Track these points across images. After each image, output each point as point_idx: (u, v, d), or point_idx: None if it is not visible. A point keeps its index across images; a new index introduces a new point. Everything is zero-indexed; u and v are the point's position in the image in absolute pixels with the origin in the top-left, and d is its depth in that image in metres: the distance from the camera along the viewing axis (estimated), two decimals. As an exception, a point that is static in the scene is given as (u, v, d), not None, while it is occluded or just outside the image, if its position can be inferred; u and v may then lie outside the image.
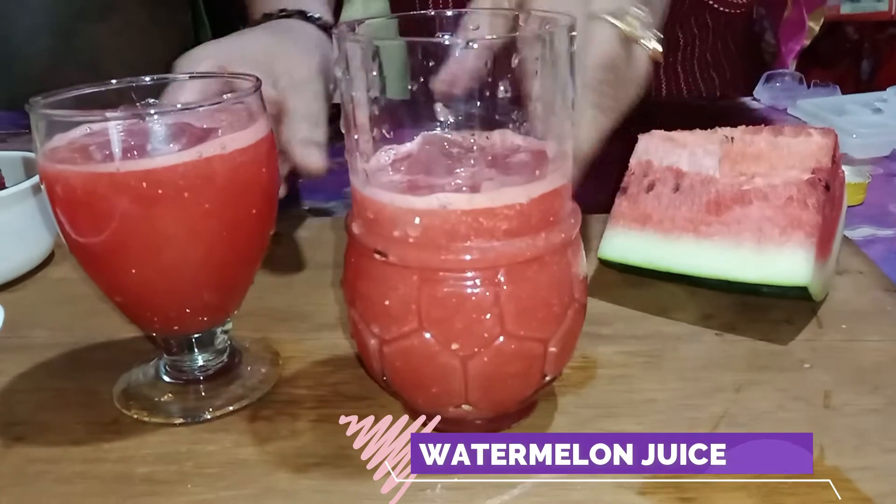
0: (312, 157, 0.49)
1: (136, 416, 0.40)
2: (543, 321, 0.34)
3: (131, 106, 0.39)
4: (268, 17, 0.61)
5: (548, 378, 0.36)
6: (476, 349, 0.34)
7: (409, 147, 0.36)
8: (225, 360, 0.42)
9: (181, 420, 0.39)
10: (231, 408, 0.40)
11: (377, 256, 0.34)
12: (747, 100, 0.92)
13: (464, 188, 0.33)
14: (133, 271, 0.38)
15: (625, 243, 0.49)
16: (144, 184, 0.35)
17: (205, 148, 0.36)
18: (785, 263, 0.44)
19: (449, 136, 0.35)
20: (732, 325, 0.46)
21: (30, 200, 0.55)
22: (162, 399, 0.41)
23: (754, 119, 0.85)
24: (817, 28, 1.04)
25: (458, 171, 0.35)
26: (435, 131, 0.35)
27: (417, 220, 0.33)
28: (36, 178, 0.55)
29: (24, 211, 0.55)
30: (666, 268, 0.48)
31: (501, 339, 0.34)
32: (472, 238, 0.33)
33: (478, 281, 0.33)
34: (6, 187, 0.57)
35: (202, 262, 0.38)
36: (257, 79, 0.38)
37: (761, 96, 0.91)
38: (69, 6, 0.96)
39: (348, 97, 0.34)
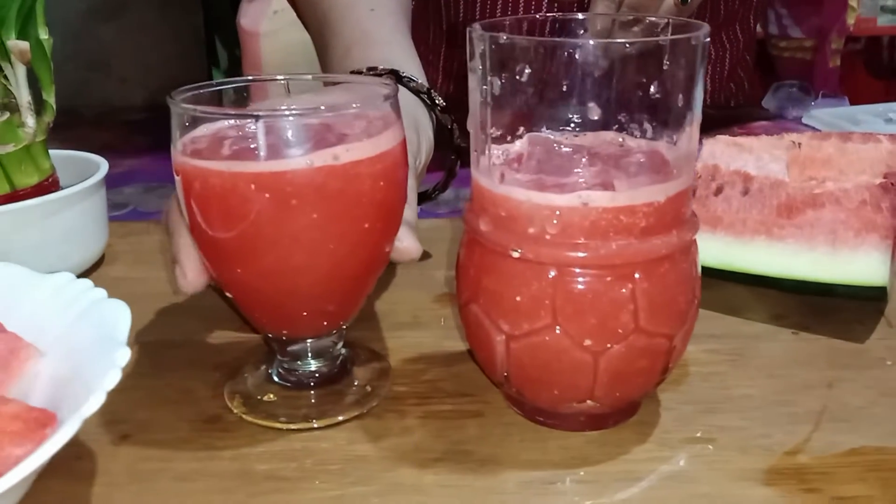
0: (408, 240, 0.42)
1: (249, 419, 0.39)
2: (671, 317, 0.35)
3: (256, 106, 0.39)
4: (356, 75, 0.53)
5: (667, 374, 0.37)
6: (608, 345, 0.34)
7: (523, 147, 0.37)
8: (336, 368, 0.42)
9: (294, 427, 0.39)
10: (340, 418, 0.39)
11: (512, 253, 0.34)
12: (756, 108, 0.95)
13: (597, 187, 0.34)
14: (238, 270, 0.38)
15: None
16: (253, 186, 0.35)
17: (317, 157, 0.35)
18: (861, 264, 0.45)
19: (562, 136, 0.36)
20: (805, 324, 0.48)
21: (88, 200, 0.54)
22: (271, 401, 0.40)
23: (770, 128, 0.87)
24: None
25: (578, 170, 0.35)
26: (550, 131, 0.36)
27: (556, 218, 0.33)
28: (95, 178, 0.54)
29: (83, 210, 0.54)
30: (740, 269, 0.49)
31: (634, 335, 0.34)
32: (611, 235, 0.33)
33: (615, 278, 0.34)
34: (60, 185, 0.56)
35: (304, 271, 0.37)
36: (393, 87, 0.38)
37: (769, 105, 0.93)
38: (77, 5, 0.94)
39: (482, 96, 0.35)
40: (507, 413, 0.40)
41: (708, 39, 0.34)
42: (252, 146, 0.36)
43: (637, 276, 0.34)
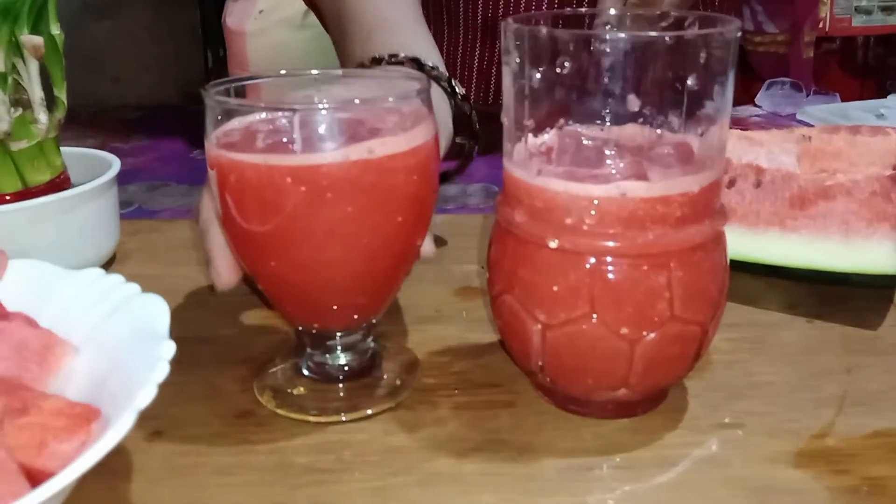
0: (425, 242, 0.42)
1: (282, 413, 0.40)
2: (704, 305, 0.36)
3: (289, 98, 0.39)
4: (376, 62, 0.52)
5: (698, 361, 0.38)
6: (644, 333, 0.35)
7: (558, 139, 0.37)
8: (366, 361, 0.42)
9: (328, 419, 0.39)
10: (373, 410, 0.40)
11: (549, 244, 0.35)
12: (749, 107, 0.96)
13: (631, 178, 0.35)
14: (272, 263, 0.38)
15: (709, 236, 0.51)
16: (289, 179, 0.35)
17: (352, 150, 0.35)
18: (873, 253, 0.46)
19: (595, 128, 0.36)
20: (818, 313, 0.49)
21: (102, 197, 0.54)
22: (302, 395, 0.41)
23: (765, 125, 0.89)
24: None
25: (613, 162, 0.36)
26: (583, 123, 0.36)
27: (594, 208, 0.34)
28: (108, 175, 0.54)
29: (97, 207, 0.53)
30: (754, 259, 0.50)
31: (669, 323, 0.35)
32: (647, 225, 0.34)
33: (651, 266, 0.34)
34: (72, 182, 0.55)
35: (337, 265, 0.37)
36: (426, 82, 0.38)
37: (763, 103, 0.95)
38: (71, 3, 0.93)
39: (518, 88, 0.35)
40: (538, 402, 0.41)
41: (740, 34, 0.34)
42: (287, 139, 0.36)
43: (672, 264, 0.34)
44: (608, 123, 0.36)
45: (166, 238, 0.63)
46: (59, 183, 0.54)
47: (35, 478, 0.28)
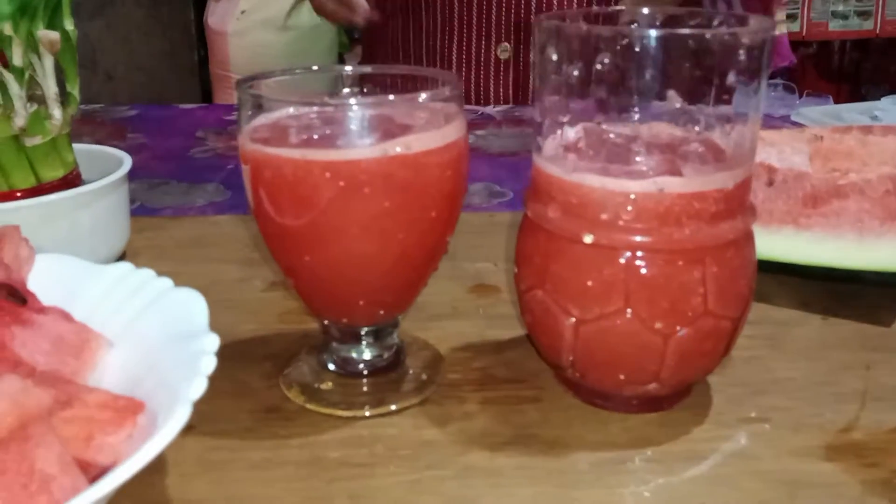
0: None
1: (311, 408, 0.40)
2: (736, 300, 0.37)
3: (327, 93, 0.39)
4: None
5: (726, 356, 0.38)
6: (678, 328, 0.35)
7: (592, 135, 0.38)
8: (391, 356, 0.42)
9: (357, 414, 0.39)
10: (400, 405, 0.40)
11: (584, 239, 0.35)
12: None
13: (665, 174, 0.35)
14: (306, 258, 0.38)
15: (722, 235, 0.52)
16: (328, 174, 0.35)
17: (389, 146, 0.35)
18: (887, 251, 0.47)
19: (628, 124, 0.37)
20: (831, 310, 0.49)
21: (115, 194, 0.53)
22: (329, 390, 0.41)
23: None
24: None
25: (647, 158, 0.36)
26: (616, 119, 0.37)
27: (631, 204, 0.34)
28: (121, 172, 0.53)
29: (110, 204, 0.53)
30: (768, 257, 0.50)
31: (702, 318, 0.35)
32: (683, 220, 0.34)
33: (686, 262, 0.35)
34: (83, 180, 0.55)
35: (371, 259, 0.38)
36: (458, 80, 0.38)
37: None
38: None
39: (551, 85, 0.36)
40: (564, 397, 0.41)
41: (774, 32, 0.35)
42: (323, 134, 0.36)
43: (707, 260, 0.35)
44: (642, 120, 0.36)
45: (173, 236, 0.62)
46: (72, 179, 0.54)
47: (84, 471, 0.28)
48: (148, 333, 0.35)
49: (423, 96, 0.37)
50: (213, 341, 0.32)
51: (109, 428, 0.30)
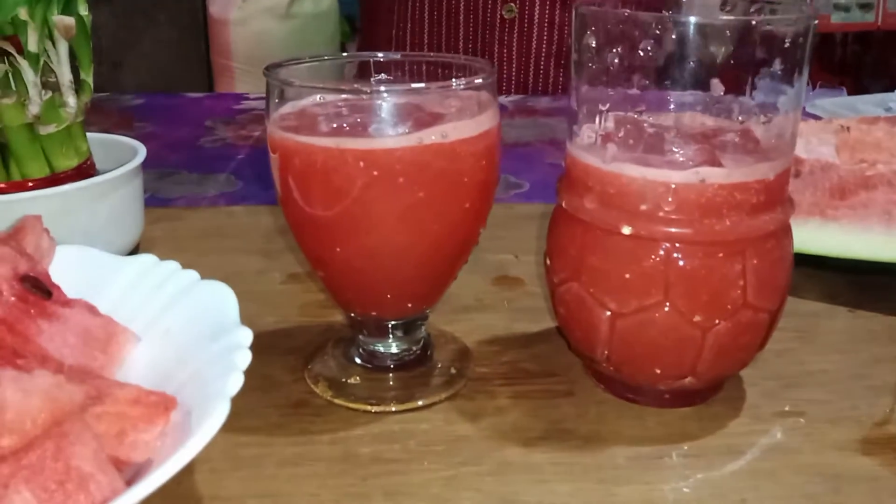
0: None
1: (339, 403, 0.39)
2: (775, 293, 0.36)
3: (359, 81, 0.38)
4: None
5: (762, 349, 0.38)
6: (717, 321, 0.35)
7: (629, 124, 0.37)
8: (419, 350, 0.42)
9: (387, 409, 0.38)
10: (432, 399, 0.39)
11: (623, 230, 0.34)
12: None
13: (705, 164, 0.34)
14: (337, 249, 0.37)
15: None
16: (362, 163, 0.34)
17: (425, 134, 0.34)
18: (917, 243, 0.47)
19: (667, 114, 0.36)
20: (858, 303, 0.49)
21: (131, 184, 0.53)
22: (357, 384, 0.40)
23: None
24: None
25: (686, 148, 0.35)
26: (656, 108, 0.36)
27: (671, 194, 0.34)
28: (136, 161, 0.53)
29: (125, 194, 0.52)
30: (794, 249, 0.50)
31: (742, 310, 0.35)
32: (724, 212, 0.34)
33: (727, 254, 0.34)
34: (97, 169, 0.54)
35: (404, 251, 0.37)
36: (491, 67, 0.37)
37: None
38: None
39: (590, 74, 0.35)
40: (596, 391, 0.40)
41: (816, 21, 0.34)
42: (357, 122, 0.35)
43: (747, 252, 0.34)
44: (679, 109, 0.36)
45: (189, 226, 0.61)
46: (86, 169, 0.53)
47: (117, 469, 0.27)
48: (176, 327, 0.34)
49: (458, 83, 0.36)
50: (247, 335, 0.31)
51: (142, 424, 0.29)
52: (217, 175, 0.75)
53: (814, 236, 0.50)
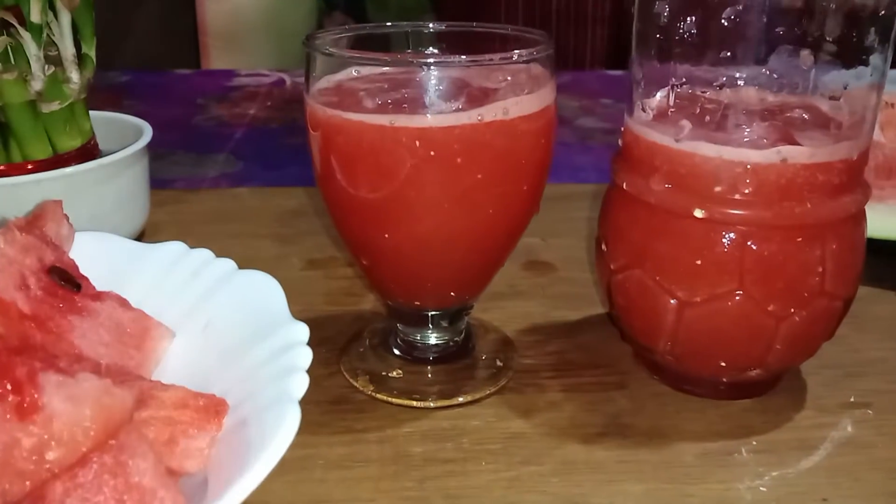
0: None
1: (382, 398, 0.36)
2: (850, 280, 0.34)
3: (409, 54, 0.35)
4: None
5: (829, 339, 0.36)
6: (792, 310, 0.33)
7: (704, 101, 0.34)
8: (461, 341, 0.39)
9: (434, 404, 0.36)
10: (480, 394, 0.37)
11: (695, 213, 0.32)
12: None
13: (781, 143, 0.32)
14: (385, 235, 0.34)
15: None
16: (417, 143, 0.31)
17: (486, 111, 0.32)
18: (967, 225, 0.45)
19: (741, 90, 0.34)
20: (904, 286, 0.47)
21: (137, 165, 0.49)
22: (399, 378, 0.38)
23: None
24: None
25: (761, 126, 0.33)
26: (731, 84, 0.34)
27: (749, 175, 0.31)
28: (142, 142, 0.49)
29: (132, 176, 0.49)
30: (839, 231, 0.48)
31: (818, 299, 0.33)
32: (805, 194, 0.32)
33: (806, 238, 0.32)
34: (100, 150, 0.51)
35: (458, 237, 0.34)
36: (548, 38, 0.34)
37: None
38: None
39: (659, 46, 0.33)
40: (650, 383, 0.38)
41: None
42: (410, 98, 0.32)
43: (827, 236, 0.32)
44: (758, 84, 0.33)
45: (195, 210, 0.58)
46: (90, 150, 0.49)
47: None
48: (217, 322, 0.31)
49: (519, 55, 0.33)
50: (303, 331, 0.28)
51: (192, 430, 0.26)
52: (215, 155, 0.71)
53: (857, 218, 0.48)
